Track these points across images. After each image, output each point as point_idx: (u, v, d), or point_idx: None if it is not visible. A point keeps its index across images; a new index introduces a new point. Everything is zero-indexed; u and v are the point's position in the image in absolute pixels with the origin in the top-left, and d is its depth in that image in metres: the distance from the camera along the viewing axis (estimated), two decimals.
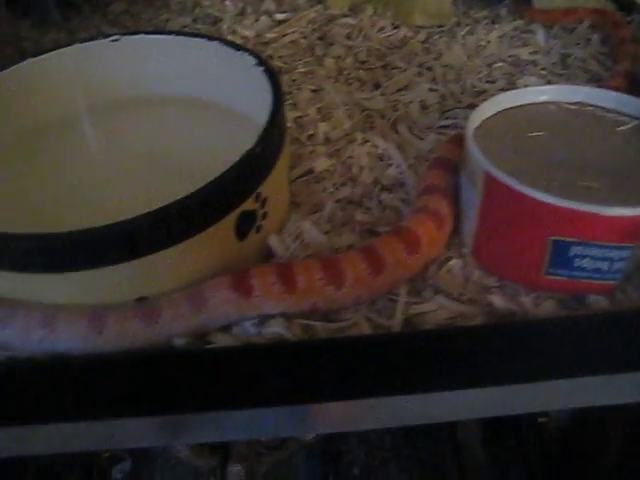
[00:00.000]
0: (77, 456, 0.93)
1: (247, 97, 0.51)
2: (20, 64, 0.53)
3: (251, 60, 0.49)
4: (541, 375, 0.36)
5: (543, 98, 0.49)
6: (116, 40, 0.55)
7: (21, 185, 0.50)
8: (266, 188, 0.42)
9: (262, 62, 0.49)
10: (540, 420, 0.94)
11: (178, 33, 0.55)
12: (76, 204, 0.48)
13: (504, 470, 0.94)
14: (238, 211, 0.40)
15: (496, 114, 0.47)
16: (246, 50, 0.50)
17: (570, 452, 0.89)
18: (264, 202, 0.42)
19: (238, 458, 0.86)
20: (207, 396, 0.36)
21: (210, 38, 0.53)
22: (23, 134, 0.53)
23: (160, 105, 0.56)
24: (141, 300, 0.40)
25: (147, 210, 0.37)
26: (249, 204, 0.41)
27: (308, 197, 0.49)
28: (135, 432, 0.38)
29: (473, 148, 0.42)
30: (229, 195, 0.40)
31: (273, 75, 0.47)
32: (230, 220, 0.40)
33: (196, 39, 0.53)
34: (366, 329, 0.40)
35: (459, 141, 0.48)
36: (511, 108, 0.48)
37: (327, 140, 0.56)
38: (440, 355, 0.37)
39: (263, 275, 0.38)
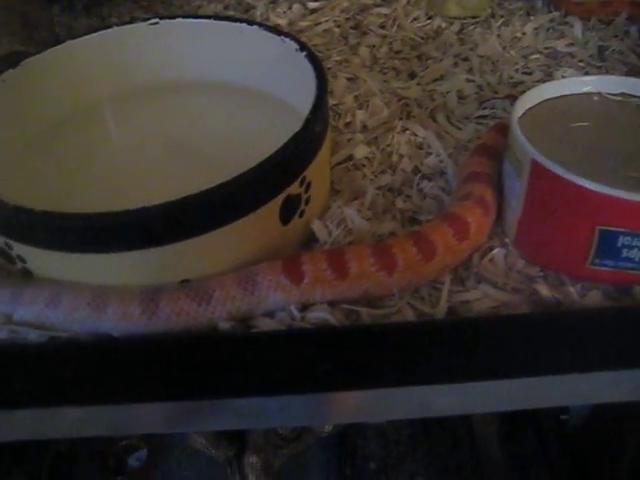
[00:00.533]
0: (93, 443, 0.94)
1: (287, 82, 0.51)
2: (57, 47, 0.53)
3: (293, 45, 0.49)
4: (587, 366, 0.36)
5: (586, 89, 0.48)
6: (155, 23, 0.54)
7: (56, 169, 0.50)
8: (311, 172, 0.42)
9: (304, 47, 0.48)
10: (562, 417, 0.94)
11: (217, 17, 0.54)
12: (109, 188, 0.48)
13: (522, 467, 0.93)
14: (284, 195, 0.40)
15: (539, 104, 0.47)
16: (287, 35, 0.50)
17: (590, 450, 0.89)
18: (308, 187, 0.42)
19: (255, 449, 0.86)
20: (254, 380, 0.36)
21: (250, 22, 0.52)
22: (60, 117, 0.53)
23: (197, 90, 0.56)
24: (185, 283, 0.40)
25: (185, 194, 0.37)
26: (294, 188, 0.41)
27: (348, 184, 0.49)
28: (175, 416, 0.38)
29: (520, 136, 0.42)
30: (275, 178, 0.39)
31: (316, 60, 0.47)
32: (275, 204, 0.40)
33: (236, 23, 0.53)
34: (410, 316, 0.40)
35: (502, 129, 0.47)
36: (554, 98, 0.47)
37: (364, 128, 0.55)
38: (487, 344, 0.37)
39: (314, 261, 0.38)
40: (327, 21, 0.72)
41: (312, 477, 0.95)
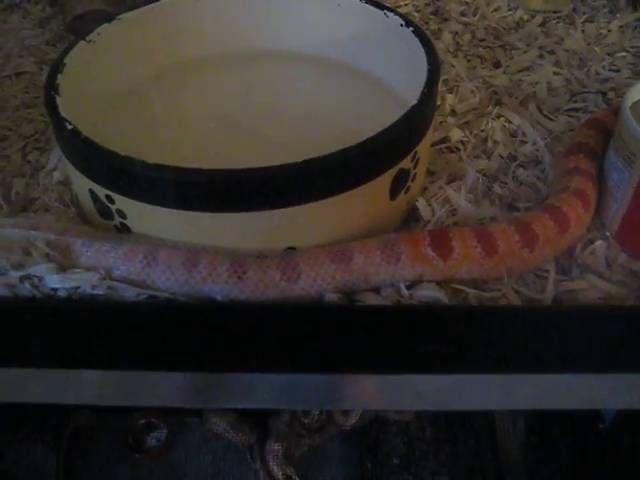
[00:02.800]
0: (113, 419, 0.93)
1: (385, 58, 0.50)
2: (152, 5, 0.52)
3: (397, 20, 0.48)
4: None
5: None
6: None
7: (135, 128, 0.50)
8: (421, 148, 0.41)
9: (410, 23, 0.47)
10: (601, 426, 0.92)
11: None
12: (186, 153, 0.47)
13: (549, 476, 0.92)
14: (397, 168, 0.39)
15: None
16: (391, 10, 0.49)
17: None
18: (417, 163, 0.41)
19: (278, 437, 0.85)
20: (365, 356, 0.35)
21: None
22: (149, 74, 0.53)
23: (288, 61, 0.55)
24: (290, 250, 0.39)
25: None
26: (406, 162, 0.40)
27: (443, 166, 0.48)
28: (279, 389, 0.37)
29: (635, 126, 0.41)
30: (392, 149, 0.38)
31: (424, 35, 0.46)
32: (388, 176, 0.39)
33: None
34: (515, 301, 0.39)
35: (595, 125, 0.47)
36: None
37: (453, 112, 0.54)
38: (599, 333, 0.36)
39: (464, 237, 0.38)
40: (406, 5, 0.71)
41: (332, 469, 0.95)
